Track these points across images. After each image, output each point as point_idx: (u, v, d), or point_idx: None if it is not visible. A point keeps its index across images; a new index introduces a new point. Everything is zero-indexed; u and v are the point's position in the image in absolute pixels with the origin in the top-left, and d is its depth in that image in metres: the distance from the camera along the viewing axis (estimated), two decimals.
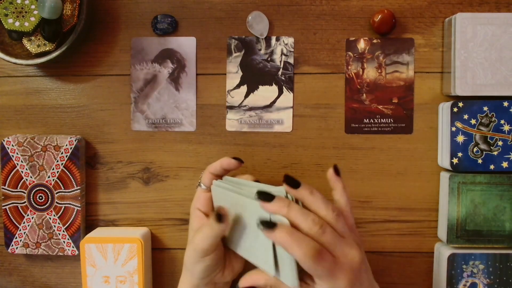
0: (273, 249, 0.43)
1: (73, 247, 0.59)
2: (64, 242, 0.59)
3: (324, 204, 0.43)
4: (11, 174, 0.59)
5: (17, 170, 0.59)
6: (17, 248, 0.59)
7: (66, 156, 0.58)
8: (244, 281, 0.46)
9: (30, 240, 0.59)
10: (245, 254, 0.48)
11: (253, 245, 0.46)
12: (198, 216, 0.52)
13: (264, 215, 0.43)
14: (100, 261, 0.57)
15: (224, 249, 0.50)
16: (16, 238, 0.59)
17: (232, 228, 0.49)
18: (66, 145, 0.58)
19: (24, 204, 0.59)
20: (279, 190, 0.44)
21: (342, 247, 0.42)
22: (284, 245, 0.40)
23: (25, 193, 0.59)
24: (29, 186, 0.59)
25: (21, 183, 0.59)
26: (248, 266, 0.51)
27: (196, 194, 0.53)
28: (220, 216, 0.44)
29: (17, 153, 0.59)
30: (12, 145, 0.59)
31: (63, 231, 0.59)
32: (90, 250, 0.57)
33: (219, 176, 0.52)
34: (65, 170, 0.59)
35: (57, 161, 0.59)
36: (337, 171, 0.47)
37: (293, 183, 0.43)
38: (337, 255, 0.41)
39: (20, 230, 0.59)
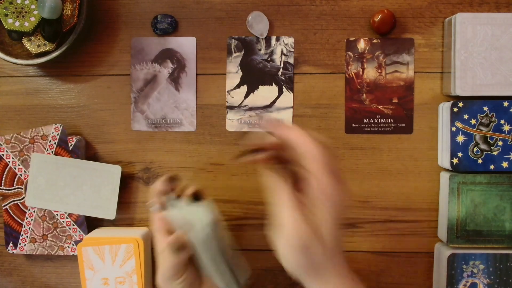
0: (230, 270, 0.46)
1: (79, 231, 0.59)
2: (70, 228, 0.59)
3: None
4: (5, 173, 0.59)
5: (10, 168, 0.59)
6: (25, 245, 0.59)
7: (55, 143, 0.58)
8: None
9: (36, 234, 0.59)
10: (210, 275, 0.48)
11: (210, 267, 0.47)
12: (159, 239, 0.48)
13: (207, 234, 0.45)
14: (97, 263, 0.56)
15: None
16: (22, 235, 0.59)
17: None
18: (53, 132, 0.58)
19: (23, 200, 0.59)
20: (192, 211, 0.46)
21: None
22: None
23: (22, 188, 0.59)
24: (25, 181, 0.59)
25: (16, 179, 0.59)
26: None
27: (151, 218, 0.50)
28: (176, 248, 0.45)
29: (6, 151, 0.59)
30: (0, 144, 0.59)
31: (67, 218, 0.59)
32: (87, 253, 0.56)
33: (164, 194, 0.49)
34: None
35: (47, 150, 0.59)
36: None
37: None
38: None
39: (24, 227, 0.59)
